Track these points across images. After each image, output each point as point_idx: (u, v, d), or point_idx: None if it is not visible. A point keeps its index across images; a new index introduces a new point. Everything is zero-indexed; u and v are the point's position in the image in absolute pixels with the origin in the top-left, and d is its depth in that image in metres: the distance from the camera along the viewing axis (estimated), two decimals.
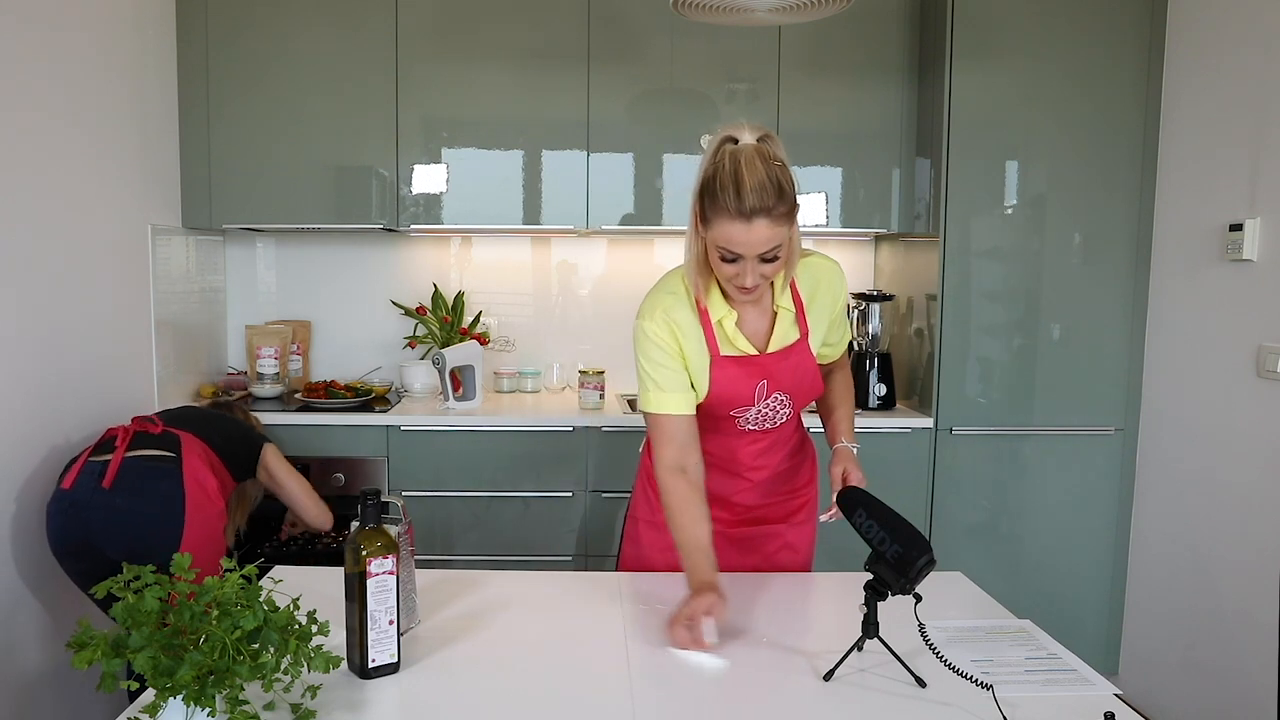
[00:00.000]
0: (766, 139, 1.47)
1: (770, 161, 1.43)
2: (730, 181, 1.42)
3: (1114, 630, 2.93)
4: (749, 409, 1.64)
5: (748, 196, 1.40)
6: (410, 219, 2.98)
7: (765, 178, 1.40)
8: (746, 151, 1.43)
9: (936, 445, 2.87)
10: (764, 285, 1.53)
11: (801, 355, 1.64)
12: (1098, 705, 1.16)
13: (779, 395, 1.65)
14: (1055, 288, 2.85)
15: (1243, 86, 2.46)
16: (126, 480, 1.97)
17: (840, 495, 1.44)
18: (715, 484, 1.74)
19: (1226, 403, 2.50)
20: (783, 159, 1.45)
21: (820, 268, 1.65)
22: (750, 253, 1.44)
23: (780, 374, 1.62)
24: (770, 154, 1.44)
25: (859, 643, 1.27)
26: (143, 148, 2.69)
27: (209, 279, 3.17)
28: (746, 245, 1.43)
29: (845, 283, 1.69)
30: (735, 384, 1.61)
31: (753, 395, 1.62)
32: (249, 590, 1.06)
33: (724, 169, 1.43)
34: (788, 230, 1.46)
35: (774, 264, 1.47)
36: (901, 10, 2.96)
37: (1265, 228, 2.37)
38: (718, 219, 1.44)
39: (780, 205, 1.42)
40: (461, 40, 2.94)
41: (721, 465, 1.73)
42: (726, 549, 1.73)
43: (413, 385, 3.13)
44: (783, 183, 1.42)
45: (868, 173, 3.02)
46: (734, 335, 1.59)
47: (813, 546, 1.86)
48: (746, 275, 1.46)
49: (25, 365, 2.11)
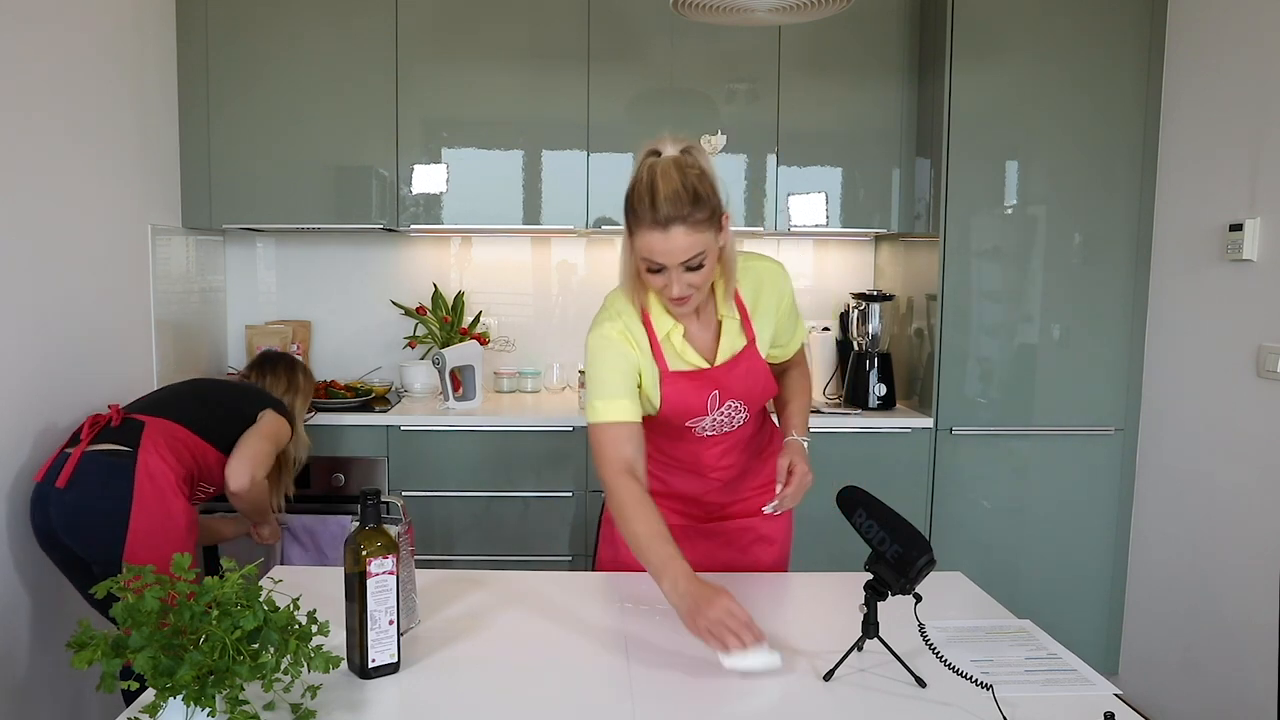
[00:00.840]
0: (688, 150, 1.49)
1: (687, 170, 1.45)
2: (646, 192, 1.44)
3: (1114, 630, 2.93)
4: (703, 418, 1.66)
5: (662, 205, 1.42)
6: (410, 219, 2.98)
7: (680, 186, 1.43)
8: (663, 163, 1.46)
9: (936, 445, 2.87)
10: (699, 295, 1.53)
11: (750, 360, 1.65)
12: (1098, 705, 1.16)
13: (732, 403, 1.66)
14: (1055, 288, 2.85)
15: (1243, 86, 2.46)
16: (81, 476, 1.97)
17: (840, 495, 1.44)
18: (682, 484, 1.76)
19: (1226, 403, 2.50)
20: (702, 168, 1.47)
21: (761, 270, 1.65)
22: (672, 261, 1.45)
23: (731, 383, 1.64)
24: (689, 163, 1.46)
25: (859, 643, 1.27)
26: (143, 148, 2.69)
27: (209, 279, 3.17)
28: (667, 254, 1.45)
29: (788, 281, 1.68)
30: (687, 397, 1.62)
31: (706, 406, 1.64)
32: (249, 590, 1.06)
33: (641, 181, 1.46)
34: (710, 238, 1.47)
35: (699, 273, 1.48)
36: (901, 10, 2.96)
37: (1265, 228, 2.37)
38: (639, 230, 1.46)
39: (697, 212, 1.43)
40: (461, 40, 2.94)
41: (686, 467, 1.75)
42: (700, 543, 1.76)
43: (413, 385, 3.13)
44: (700, 190, 1.44)
45: (868, 173, 3.02)
46: (682, 349, 1.61)
47: (789, 538, 1.86)
48: (673, 285, 1.48)
49: (25, 365, 2.11)
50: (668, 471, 1.77)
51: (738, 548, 1.77)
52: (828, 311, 3.38)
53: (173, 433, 2.10)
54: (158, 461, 2.01)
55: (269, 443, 2.24)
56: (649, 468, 1.77)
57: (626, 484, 1.53)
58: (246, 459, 2.16)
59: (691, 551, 1.74)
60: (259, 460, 2.19)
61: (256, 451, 2.19)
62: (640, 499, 1.51)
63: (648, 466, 1.74)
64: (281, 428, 2.30)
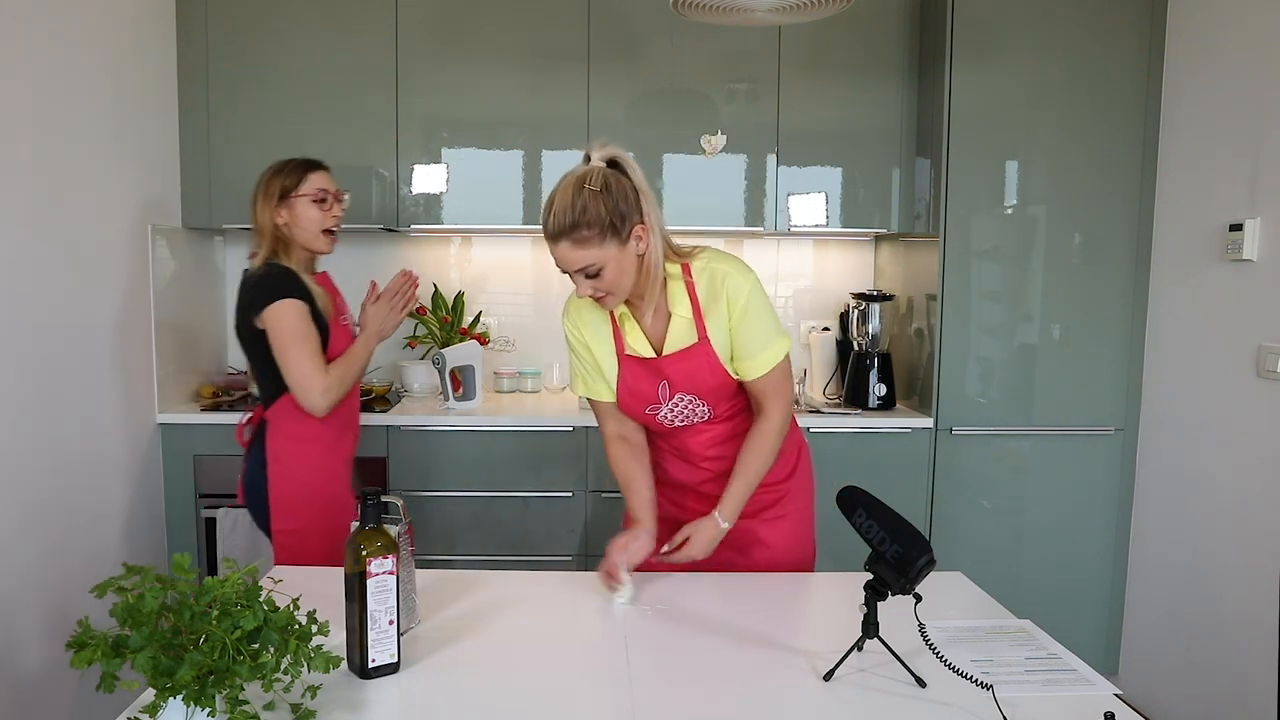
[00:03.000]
0: (614, 161, 1.59)
1: (585, 188, 1.52)
2: (546, 205, 1.56)
3: (1114, 630, 2.93)
4: (659, 407, 1.71)
5: (551, 220, 1.53)
6: (410, 219, 2.98)
7: (569, 204, 1.52)
8: (567, 178, 1.56)
9: (936, 445, 2.87)
10: (613, 298, 1.60)
11: (703, 358, 1.66)
12: (1098, 705, 1.16)
13: (683, 395, 1.69)
14: (1055, 288, 2.85)
15: (1243, 87, 2.46)
16: (254, 437, 2.08)
17: (840, 495, 1.44)
18: (677, 471, 1.80)
19: (1226, 403, 2.50)
20: (606, 183, 1.54)
21: (717, 271, 1.65)
22: (568, 268, 1.56)
23: (678, 377, 1.67)
24: (594, 178, 1.54)
25: (859, 643, 1.27)
26: (143, 148, 2.69)
27: (209, 279, 3.17)
28: (560, 262, 1.56)
29: (747, 282, 1.64)
30: (639, 382, 1.69)
31: (657, 394, 1.69)
32: (249, 590, 1.06)
33: (551, 192, 1.57)
34: (607, 251, 1.54)
35: (601, 280, 1.55)
36: (901, 10, 2.96)
37: (1265, 228, 2.37)
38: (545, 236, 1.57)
39: (581, 230, 1.51)
40: (461, 40, 2.94)
41: (677, 454, 1.79)
42: None
43: (413, 385, 3.13)
44: (590, 208, 1.51)
45: (868, 173, 3.02)
46: (632, 333, 1.69)
47: (794, 548, 1.83)
48: (579, 286, 1.58)
49: (25, 365, 2.11)
50: (664, 458, 1.81)
51: (736, 549, 1.77)
52: (828, 311, 3.38)
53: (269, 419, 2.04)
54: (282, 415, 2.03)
55: (289, 342, 1.94)
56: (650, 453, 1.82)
57: (616, 450, 1.76)
58: (294, 385, 1.94)
59: None
60: (302, 369, 1.93)
61: (289, 366, 1.94)
62: (625, 460, 1.74)
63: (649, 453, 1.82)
64: (291, 316, 1.94)
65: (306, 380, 1.94)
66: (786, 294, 3.42)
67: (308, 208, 2.04)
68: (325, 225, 2.07)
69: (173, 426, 2.77)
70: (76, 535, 2.31)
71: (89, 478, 2.39)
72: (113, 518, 2.51)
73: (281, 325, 1.94)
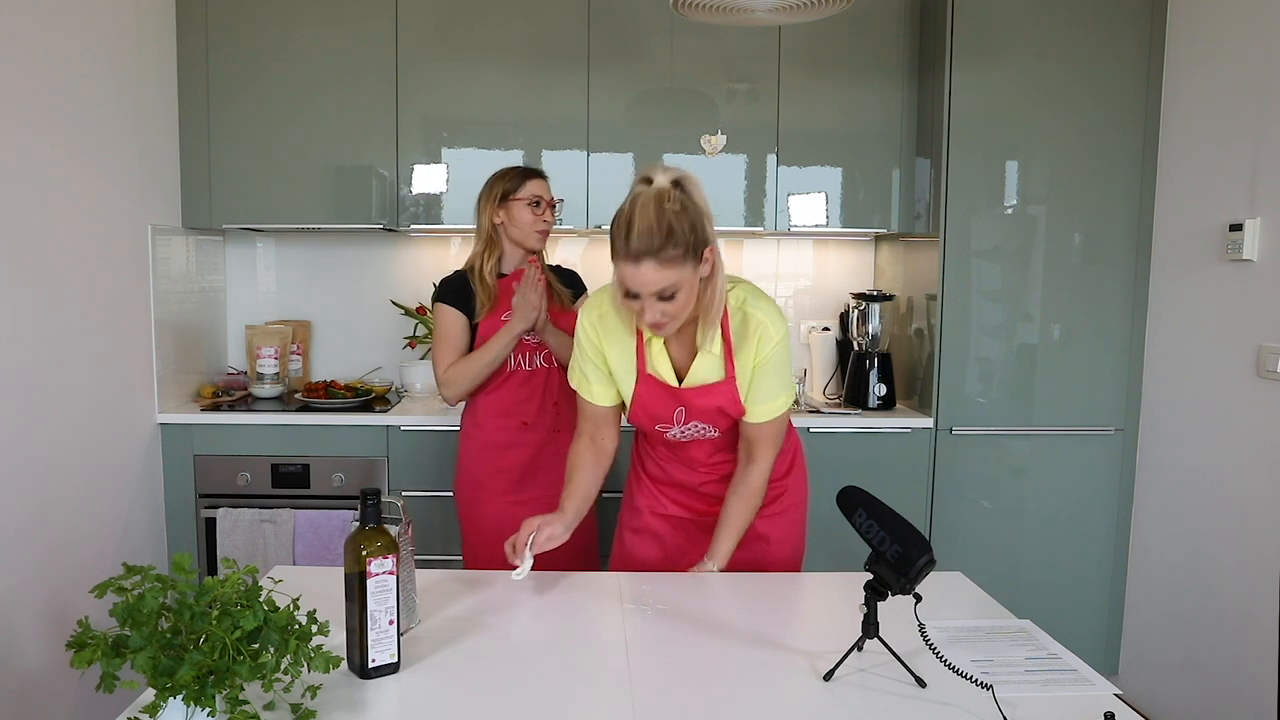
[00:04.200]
0: (679, 182, 1.51)
1: (665, 206, 1.47)
2: (624, 224, 1.49)
3: (1114, 630, 2.93)
4: (671, 427, 1.71)
5: (634, 240, 1.47)
6: (410, 219, 2.98)
7: (654, 222, 1.46)
8: (645, 194, 1.49)
9: (936, 445, 2.87)
10: (674, 324, 1.56)
11: (725, 397, 1.66)
12: (1098, 705, 1.16)
13: (699, 424, 1.70)
14: (1055, 288, 2.85)
15: (1243, 86, 2.46)
16: None
17: (840, 495, 1.44)
18: (680, 474, 1.81)
19: (1226, 403, 2.50)
20: (685, 203, 1.49)
21: (752, 316, 1.64)
22: (644, 291, 1.50)
23: (698, 408, 1.67)
24: (671, 197, 1.48)
25: (859, 643, 1.27)
26: (143, 148, 2.69)
27: (209, 279, 3.17)
28: (638, 284, 1.50)
29: (777, 333, 1.64)
30: (655, 402, 1.68)
31: (672, 418, 1.69)
32: (249, 590, 1.06)
33: (623, 212, 1.51)
34: (685, 272, 1.50)
35: (674, 303, 1.52)
36: (901, 10, 2.96)
37: (1265, 228, 2.37)
38: (615, 258, 1.52)
39: (669, 249, 1.47)
40: (461, 40, 2.94)
41: (679, 460, 1.80)
42: (698, 536, 1.79)
43: (413, 385, 3.13)
44: (675, 227, 1.47)
45: (868, 173, 3.02)
46: (659, 356, 1.65)
47: (789, 541, 1.86)
48: (645, 311, 1.53)
49: (25, 365, 2.11)
50: (668, 461, 1.82)
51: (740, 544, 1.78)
52: (828, 311, 3.38)
53: None
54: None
55: (434, 340, 2.31)
56: (652, 454, 1.84)
57: (578, 445, 1.77)
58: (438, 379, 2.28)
59: (692, 546, 1.76)
60: (433, 364, 2.29)
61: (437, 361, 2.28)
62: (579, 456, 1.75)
63: (650, 453, 1.85)
64: (439, 317, 2.28)
65: (434, 373, 2.30)
66: (786, 294, 3.42)
67: (523, 210, 2.25)
68: (537, 227, 2.27)
69: (173, 426, 2.77)
70: (76, 535, 2.31)
71: (89, 478, 2.39)
72: (113, 518, 2.51)
73: (434, 325, 2.31)
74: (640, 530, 1.86)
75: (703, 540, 1.76)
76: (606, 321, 1.69)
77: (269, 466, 2.78)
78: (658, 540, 1.84)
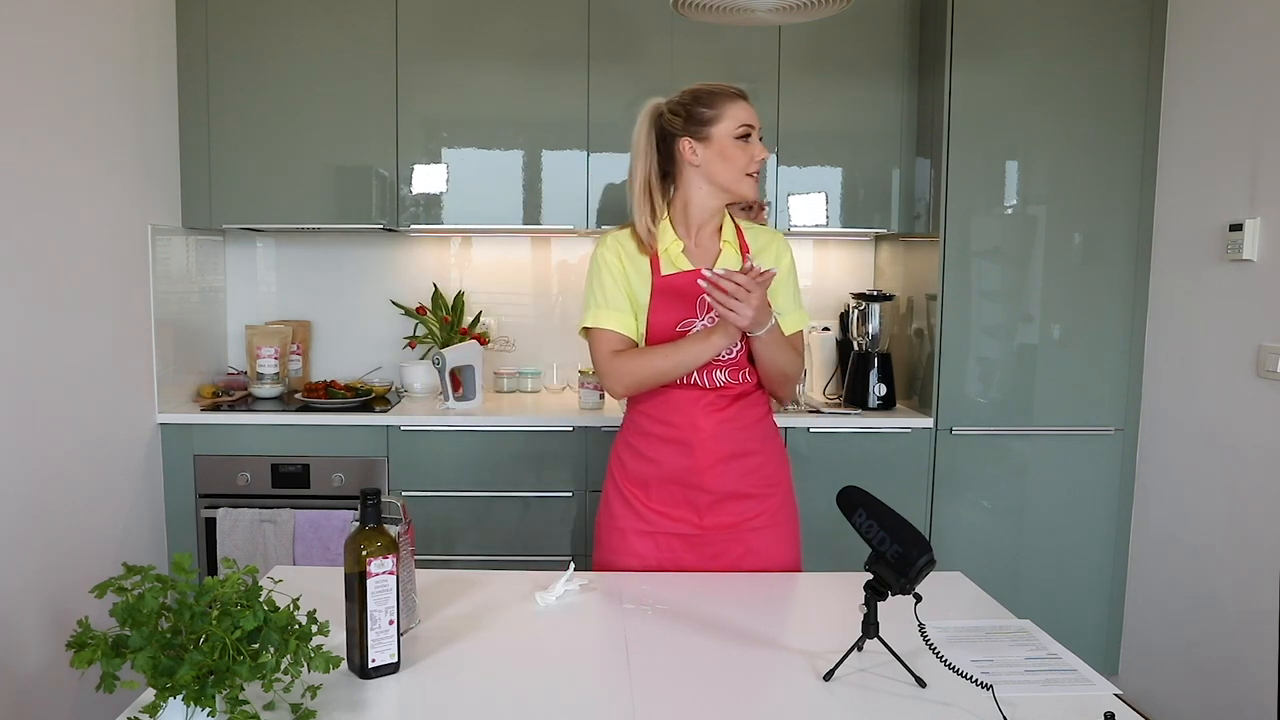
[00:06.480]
0: None
1: None
2: (713, 85, 1.74)
3: (1114, 630, 2.93)
4: (695, 321, 1.74)
5: (727, 87, 1.74)
6: (410, 219, 2.98)
7: None
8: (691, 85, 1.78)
9: (936, 445, 2.87)
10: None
11: None
12: (1098, 705, 1.16)
13: None
14: (1055, 288, 2.86)
15: (1243, 86, 2.46)
16: None
17: (840, 495, 1.44)
18: (673, 459, 1.76)
19: (1226, 403, 2.50)
20: None
21: (766, 232, 1.86)
22: (758, 124, 1.74)
23: None
24: None
25: (859, 643, 1.27)
26: (143, 148, 2.69)
27: (209, 279, 3.17)
28: (753, 116, 1.73)
29: (789, 251, 1.84)
30: (675, 303, 1.74)
31: (695, 309, 1.73)
32: (249, 590, 1.06)
33: (698, 87, 1.75)
34: None
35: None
36: (901, 10, 2.96)
37: (1265, 228, 2.37)
38: (728, 107, 1.72)
39: None
40: (461, 40, 2.94)
41: (682, 439, 1.75)
42: (685, 552, 1.76)
43: (413, 385, 3.13)
44: None
45: (868, 173, 3.02)
46: (677, 259, 1.76)
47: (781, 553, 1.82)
48: (755, 154, 1.72)
49: (25, 365, 2.12)
50: (662, 445, 1.77)
51: (729, 559, 1.77)
52: (828, 311, 3.38)
53: None
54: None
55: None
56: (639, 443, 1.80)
57: (621, 359, 1.74)
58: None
59: (688, 556, 1.75)
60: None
61: None
62: (637, 352, 1.74)
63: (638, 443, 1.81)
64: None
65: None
66: None
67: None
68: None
69: (173, 426, 2.77)
70: (76, 535, 2.31)
71: (89, 478, 2.39)
72: (113, 518, 2.51)
73: None
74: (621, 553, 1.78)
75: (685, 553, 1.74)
76: (625, 244, 1.78)
77: (269, 466, 2.78)
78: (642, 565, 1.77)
